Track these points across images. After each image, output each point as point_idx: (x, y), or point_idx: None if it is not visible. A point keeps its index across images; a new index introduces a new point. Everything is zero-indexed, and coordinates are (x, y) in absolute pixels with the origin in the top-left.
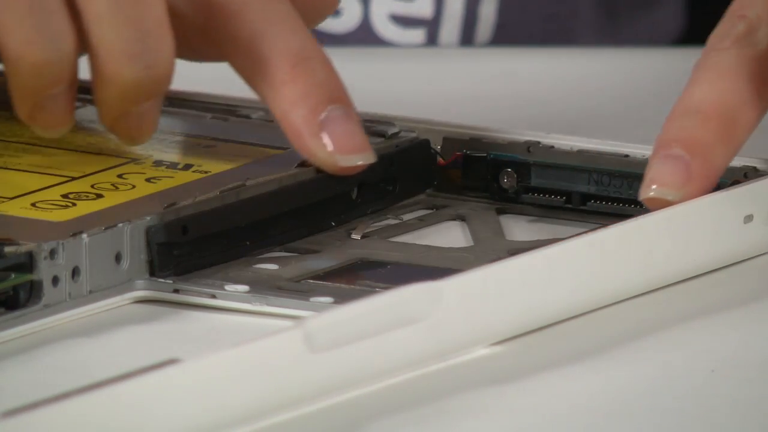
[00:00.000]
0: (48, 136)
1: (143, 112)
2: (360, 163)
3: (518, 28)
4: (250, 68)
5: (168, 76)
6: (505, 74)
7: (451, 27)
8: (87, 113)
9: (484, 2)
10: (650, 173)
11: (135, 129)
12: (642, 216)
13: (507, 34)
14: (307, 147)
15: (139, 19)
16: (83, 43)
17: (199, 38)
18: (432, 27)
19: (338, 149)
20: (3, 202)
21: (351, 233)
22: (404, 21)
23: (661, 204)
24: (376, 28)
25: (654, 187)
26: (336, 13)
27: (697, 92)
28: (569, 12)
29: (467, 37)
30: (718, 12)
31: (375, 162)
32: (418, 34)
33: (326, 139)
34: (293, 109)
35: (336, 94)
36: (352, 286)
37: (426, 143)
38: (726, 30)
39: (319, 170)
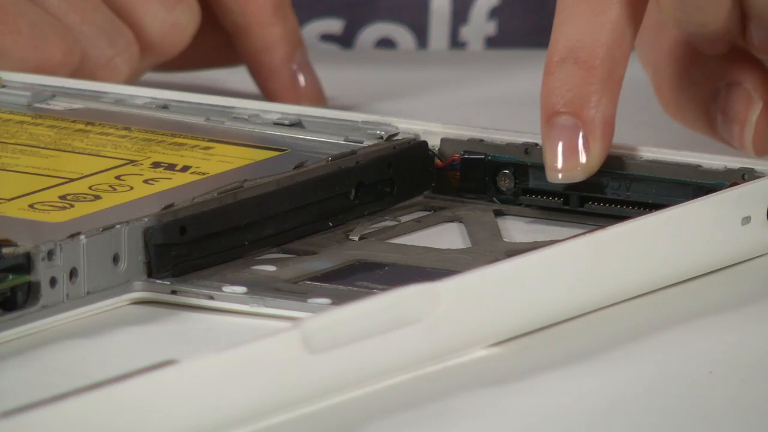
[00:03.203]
0: None
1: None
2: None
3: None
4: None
5: None
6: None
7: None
8: (86, 114)
9: (469, 47)
10: (548, 157)
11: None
12: (640, 217)
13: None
14: (282, 86)
15: None
16: None
17: None
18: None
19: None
20: (1, 203)
21: (349, 234)
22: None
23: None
24: None
25: (560, 176)
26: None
27: (572, 31)
28: None
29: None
30: None
31: (373, 163)
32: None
33: (300, 82)
34: (272, 49)
35: (301, 39)
36: (350, 288)
37: (424, 145)
38: None
39: (319, 170)
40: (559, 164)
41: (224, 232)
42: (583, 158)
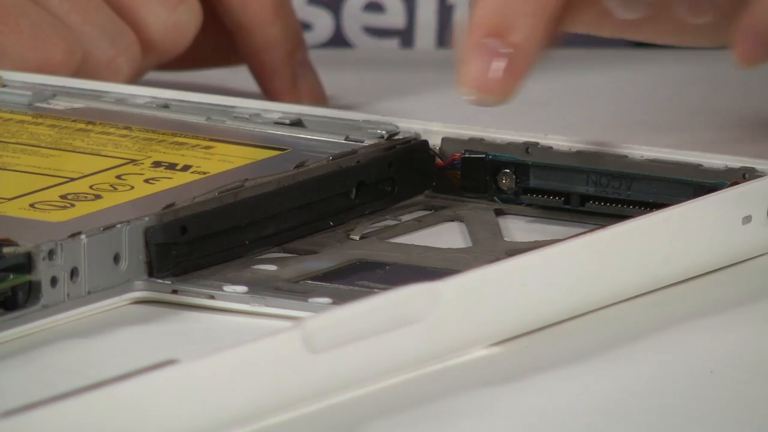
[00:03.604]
0: None
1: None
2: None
3: None
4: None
5: None
6: None
7: (425, 35)
8: (87, 113)
9: (457, 10)
10: (474, 70)
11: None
12: (641, 217)
13: None
14: (282, 85)
15: None
16: None
17: None
18: (406, 36)
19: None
20: (2, 202)
21: (349, 234)
22: (377, 32)
23: (478, 103)
24: (349, 39)
25: (476, 92)
26: (307, 27)
27: None
28: None
29: (442, 44)
30: None
31: (374, 162)
32: (392, 44)
33: (301, 81)
34: (273, 48)
35: (302, 38)
36: (351, 287)
37: (425, 144)
38: None
39: (320, 170)
40: (477, 83)
41: (225, 232)
42: (502, 83)
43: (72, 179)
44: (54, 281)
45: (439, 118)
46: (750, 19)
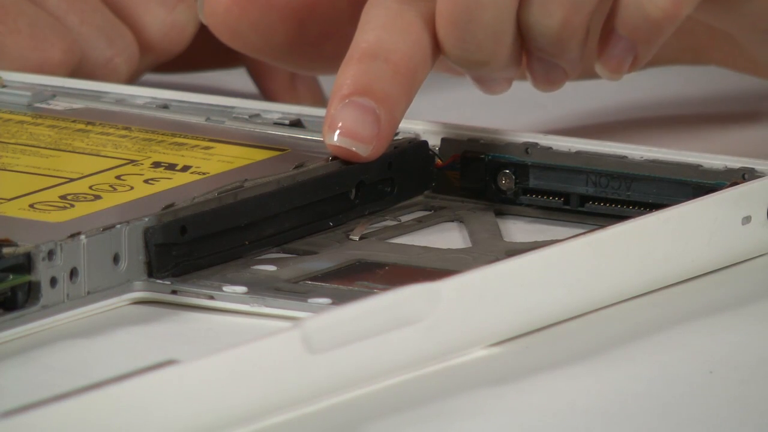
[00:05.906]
0: None
1: None
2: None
3: None
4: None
5: None
6: None
7: None
8: (87, 113)
9: None
10: (339, 117)
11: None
12: (640, 217)
13: None
14: (281, 86)
15: None
16: None
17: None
18: None
19: (307, 93)
20: (1, 203)
21: (349, 234)
22: None
23: (346, 154)
24: None
25: (343, 137)
26: None
27: (385, 38)
28: None
29: None
30: None
31: (373, 162)
32: None
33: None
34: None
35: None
36: (350, 288)
37: (424, 144)
38: None
39: (319, 170)
40: (348, 131)
41: (225, 232)
42: (371, 140)
43: (71, 180)
44: (53, 281)
45: (438, 119)
46: (614, 21)
